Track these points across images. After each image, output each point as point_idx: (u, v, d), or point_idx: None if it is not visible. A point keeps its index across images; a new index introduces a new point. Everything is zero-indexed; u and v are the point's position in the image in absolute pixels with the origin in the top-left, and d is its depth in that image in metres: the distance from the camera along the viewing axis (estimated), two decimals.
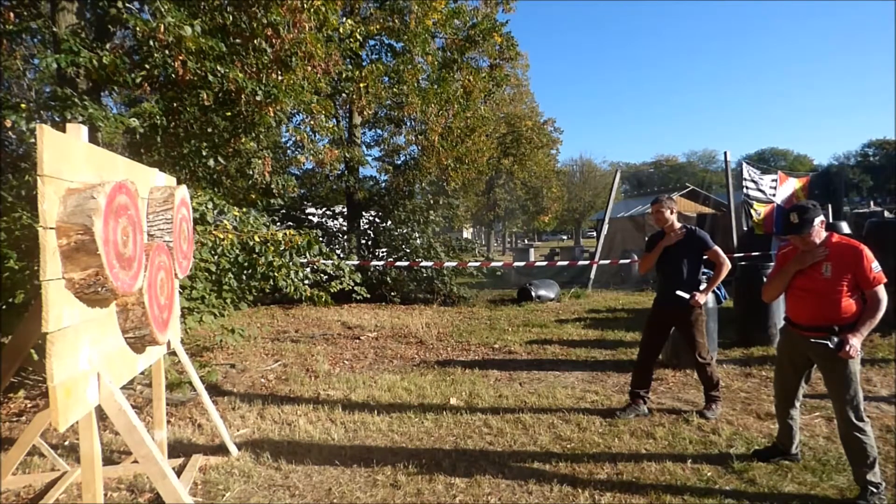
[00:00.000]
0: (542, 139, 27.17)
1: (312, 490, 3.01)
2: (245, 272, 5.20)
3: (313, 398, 4.68)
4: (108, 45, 5.10)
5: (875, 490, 2.71)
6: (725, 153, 11.09)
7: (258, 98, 5.23)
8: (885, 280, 2.76)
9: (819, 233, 2.86)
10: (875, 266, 2.75)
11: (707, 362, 4.00)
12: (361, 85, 10.15)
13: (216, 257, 4.99)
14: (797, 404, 3.15)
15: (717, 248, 3.97)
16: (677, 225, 4.01)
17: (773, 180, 10.23)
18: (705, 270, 4.24)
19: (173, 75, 4.95)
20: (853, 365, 2.76)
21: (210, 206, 5.05)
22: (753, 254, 9.37)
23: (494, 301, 11.09)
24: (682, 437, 3.61)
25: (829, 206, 9.84)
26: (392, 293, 10.91)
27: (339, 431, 3.86)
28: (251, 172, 6.07)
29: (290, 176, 9.20)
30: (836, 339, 2.72)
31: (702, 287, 4.01)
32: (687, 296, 3.92)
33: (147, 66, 4.95)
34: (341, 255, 10.20)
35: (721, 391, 4.15)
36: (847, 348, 2.66)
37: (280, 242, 5.20)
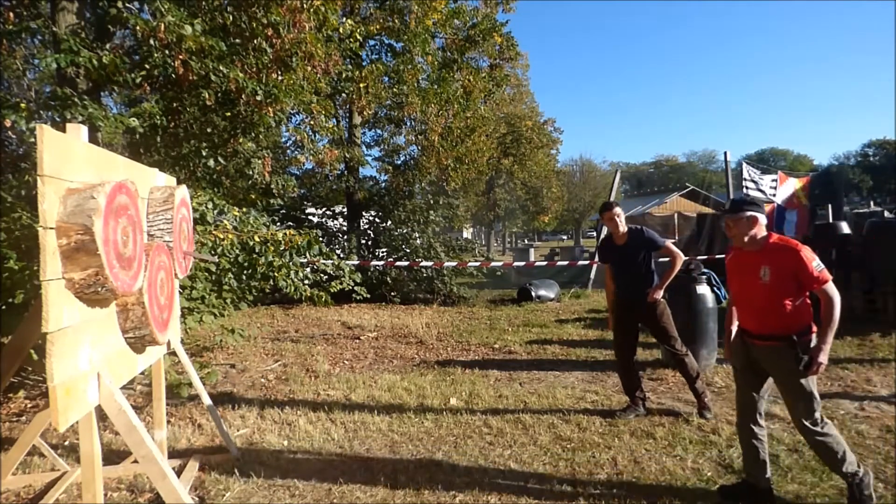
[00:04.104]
0: (542, 139, 27.20)
1: (312, 490, 3.01)
2: (245, 272, 5.20)
3: (313, 398, 4.68)
4: (108, 45, 5.11)
5: (856, 476, 2.63)
6: (725, 153, 11.10)
7: (258, 98, 5.23)
8: (830, 278, 2.57)
9: (751, 229, 2.69)
10: (817, 264, 2.56)
11: (683, 354, 3.98)
12: (361, 85, 10.16)
13: (216, 257, 5.00)
14: (761, 421, 2.80)
15: (667, 243, 3.98)
16: (624, 229, 4.03)
17: (773, 180, 10.23)
18: (707, 270, 4.24)
19: (173, 75, 4.95)
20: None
21: (210, 206, 5.06)
22: None
23: (494, 301, 11.09)
24: (682, 437, 3.61)
25: (829, 206, 9.83)
26: (392, 293, 10.91)
27: (339, 431, 3.86)
28: (251, 172, 6.07)
29: (290, 176, 9.23)
30: (805, 359, 2.54)
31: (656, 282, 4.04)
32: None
33: (147, 66, 4.96)
34: (341, 255, 10.21)
35: (703, 381, 4.09)
36: (816, 369, 2.52)
37: (280, 242, 5.20)
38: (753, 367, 2.78)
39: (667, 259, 4.04)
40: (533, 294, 10.56)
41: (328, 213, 12.85)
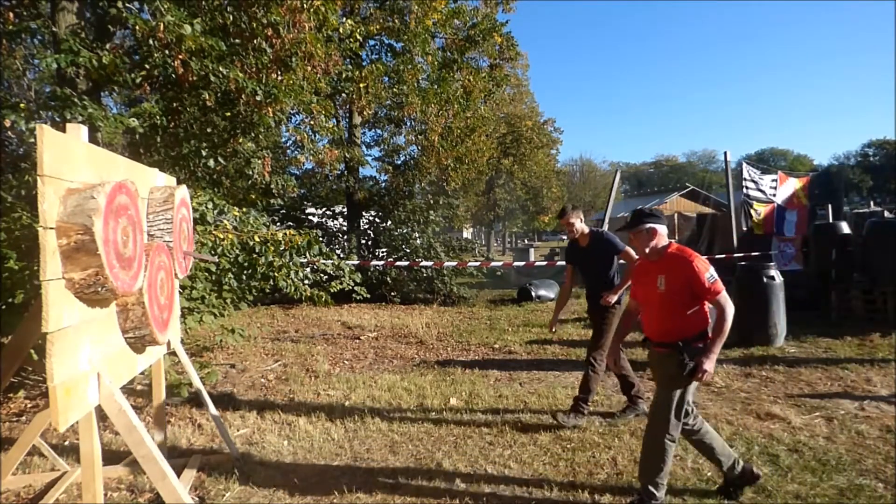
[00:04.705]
0: (542, 139, 27.23)
1: (312, 490, 3.01)
2: (245, 272, 5.20)
3: (313, 398, 4.68)
4: (108, 45, 5.11)
5: (652, 497, 2.62)
6: (725, 153, 11.07)
7: (258, 98, 5.23)
8: (723, 289, 2.58)
9: (652, 240, 2.72)
10: (710, 275, 2.58)
11: (595, 368, 3.87)
12: (361, 85, 10.16)
13: (216, 257, 5.00)
14: (690, 415, 2.79)
15: (627, 248, 3.94)
16: (585, 230, 4.02)
17: (773, 180, 10.22)
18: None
19: (173, 75, 4.95)
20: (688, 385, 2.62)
21: (210, 206, 5.06)
22: (753, 254, 9.37)
23: (494, 301, 11.09)
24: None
25: (829, 206, 9.83)
26: (392, 293, 10.91)
27: (339, 431, 3.86)
28: (251, 172, 6.07)
29: (290, 176, 9.21)
30: (691, 365, 2.56)
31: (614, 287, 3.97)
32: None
33: (147, 66, 4.96)
34: (341, 255, 10.21)
35: (589, 406, 3.91)
36: (700, 375, 2.53)
37: (280, 242, 5.20)
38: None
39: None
40: (533, 294, 10.56)
41: (328, 213, 12.85)
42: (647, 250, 2.74)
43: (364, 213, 12.68)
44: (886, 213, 16.86)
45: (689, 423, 2.80)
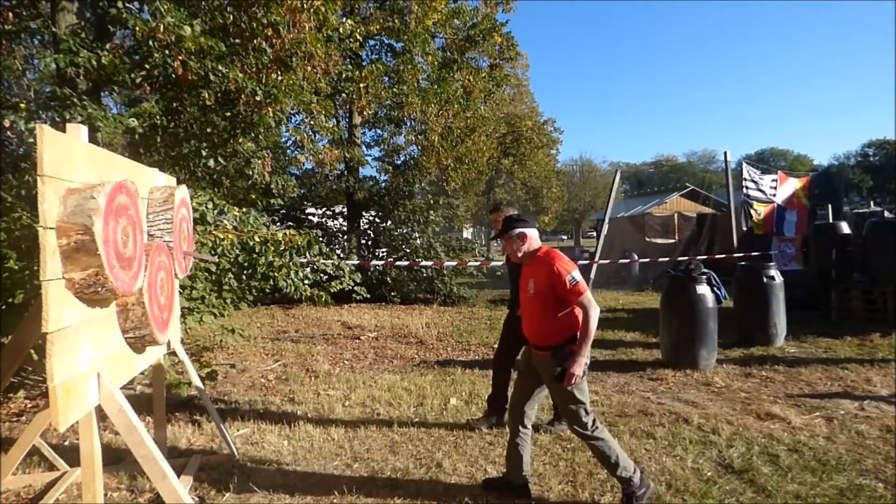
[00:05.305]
0: (542, 139, 27.19)
1: (312, 490, 3.01)
2: (245, 272, 5.20)
3: (313, 398, 4.68)
4: (107, 45, 5.11)
5: (630, 483, 2.66)
6: (725, 153, 11.09)
7: (258, 98, 5.23)
8: (585, 290, 2.59)
9: (523, 244, 2.76)
10: (571, 277, 2.58)
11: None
12: (361, 85, 10.15)
13: (216, 257, 4.99)
14: (528, 423, 2.90)
15: None
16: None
17: (773, 180, 10.24)
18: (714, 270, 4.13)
19: (173, 75, 4.95)
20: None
21: (210, 206, 5.06)
22: (753, 254, 9.38)
23: (494, 301, 11.08)
24: (682, 437, 3.62)
25: (829, 206, 9.83)
26: (392, 293, 10.91)
27: (339, 431, 3.85)
28: (251, 172, 6.07)
29: (290, 176, 9.21)
30: (559, 370, 2.58)
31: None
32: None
33: (147, 66, 4.96)
34: (341, 255, 10.20)
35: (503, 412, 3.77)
36: (570, 380, 2.55)
37: (280, 242, 5.20)
38: (534, 372, 2.85)
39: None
40: None
41: (328, 213, 12.84)
42: (519, 254, 2.80)
43: (364, 213, 12.68)
44: (886, 213, 16.85)
45: (525, 426, 2.89)
